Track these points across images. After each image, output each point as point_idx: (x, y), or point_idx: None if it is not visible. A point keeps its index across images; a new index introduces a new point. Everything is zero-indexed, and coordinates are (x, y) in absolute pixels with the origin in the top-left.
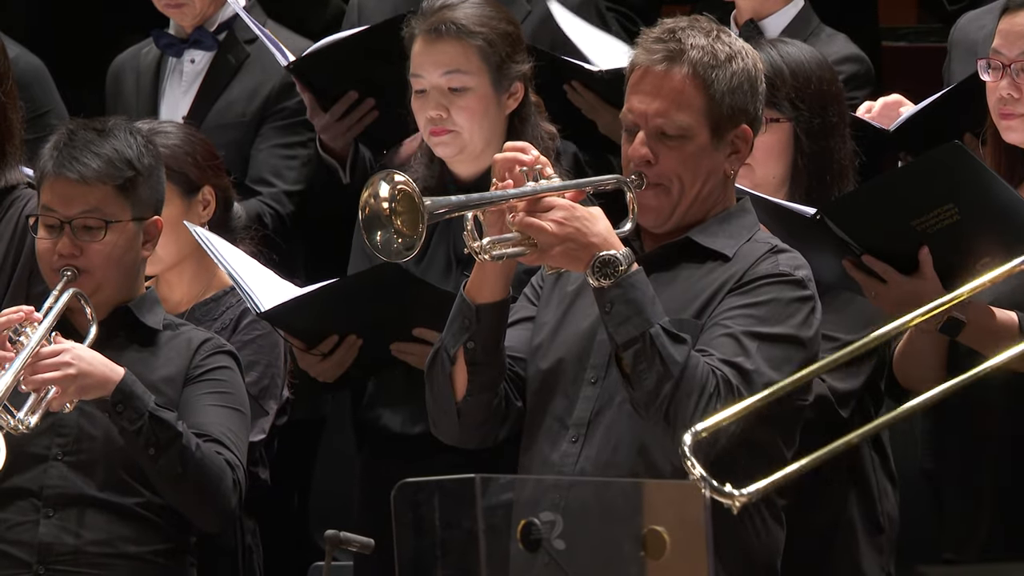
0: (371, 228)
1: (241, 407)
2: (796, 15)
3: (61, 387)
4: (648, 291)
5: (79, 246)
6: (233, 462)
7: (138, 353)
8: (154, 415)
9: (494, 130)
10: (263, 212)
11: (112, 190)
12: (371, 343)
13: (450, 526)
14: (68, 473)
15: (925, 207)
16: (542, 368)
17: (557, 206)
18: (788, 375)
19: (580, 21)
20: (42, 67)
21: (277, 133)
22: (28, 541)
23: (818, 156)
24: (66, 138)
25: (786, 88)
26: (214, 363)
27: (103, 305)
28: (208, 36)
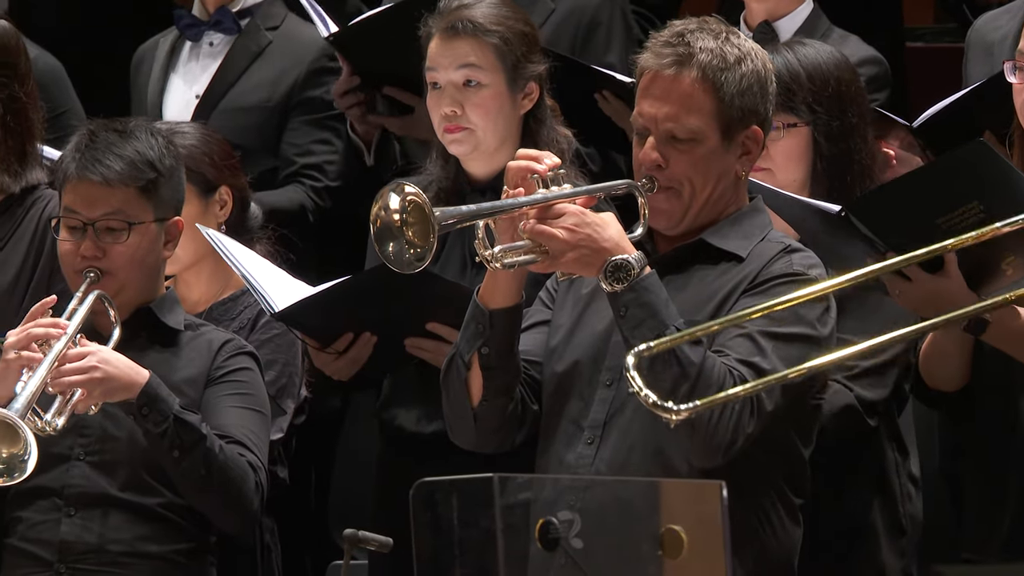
0: (383, 240)
1: (262, 408)
2: (808, 16)
3: (87, 390)
4: (662, 293)
5: (102, 248)
6: (255, 464)
7: (159, 354)
8: (179, 418)
9: (508, 129)
10: (305, 202)
11: (134, 192)
12: (385, 340)
13: (468, 525)
14: (90, 473)
15: (950, 205)
16: (557, 371)
17: (568, 212)
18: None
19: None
20: (60, 68)
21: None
22: (49, 540)
23: (838, 158)
24: (87, 140)
25: (803, 92)
26: (235, 364)
27: (125, 306)
28: (229, 18)
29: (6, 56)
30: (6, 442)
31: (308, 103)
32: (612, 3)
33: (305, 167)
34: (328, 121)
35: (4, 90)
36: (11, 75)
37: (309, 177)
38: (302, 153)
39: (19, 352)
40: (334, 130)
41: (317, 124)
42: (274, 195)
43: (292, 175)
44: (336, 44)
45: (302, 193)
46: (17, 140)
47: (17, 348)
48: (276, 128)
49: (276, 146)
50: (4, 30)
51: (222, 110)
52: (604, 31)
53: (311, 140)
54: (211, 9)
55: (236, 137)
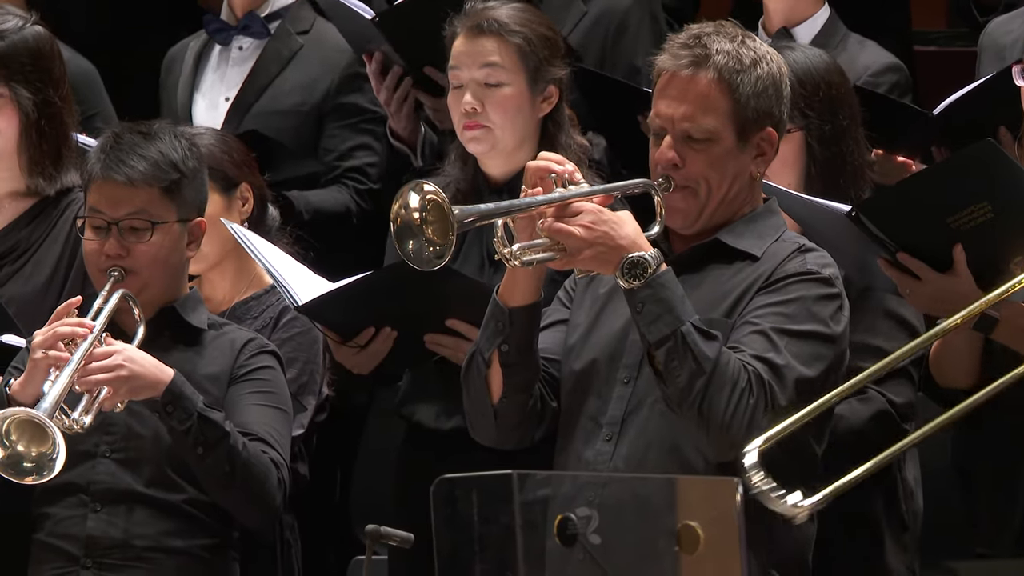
0: (403, 238)
1: (284, 406)
2: (825, 22)
3: (113, 388)
4: (678, 290)
5: (126, 247)
6: (278, 461)
7: (183, 352)
8: (203, 415)
9: (526, 130)
10: (351, 205)
11: (158, 192)
12: (406, 335)
13: (488, 521)
14: (116, 469)
15: (959, 204)
16: (575, 369)
17: (585, 211)
18: (817, 371)
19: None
20: (92, 70)
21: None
22: (76, 535)
23: (831, 161)
24: (112, 141)
25: (795, 97)
26: (258, 363)
27: (149, 305)
28: (258, 22)
29: (41, 61)
30: (35, 441)
31: (343, 108)
32: (642, 6)
33: (349, 170)
34: (365, 125)
35: (39, 94)
36: (46, 79)
37: (353, 180)
38: (343, 157)
39: (46, 351)
40: (372, 133)
41: (354, 128)
42: (320, 195)
43: (335, 178)
44: (380, 26)
45: (347, 195)
46: (52, 144)
47: (44, 347)
48: (313, 132)
49: (314, 150)
50: (38, 35)
51: (255, 114)
52: (633, 33)
53: (350, 145)
54: (239, 14)
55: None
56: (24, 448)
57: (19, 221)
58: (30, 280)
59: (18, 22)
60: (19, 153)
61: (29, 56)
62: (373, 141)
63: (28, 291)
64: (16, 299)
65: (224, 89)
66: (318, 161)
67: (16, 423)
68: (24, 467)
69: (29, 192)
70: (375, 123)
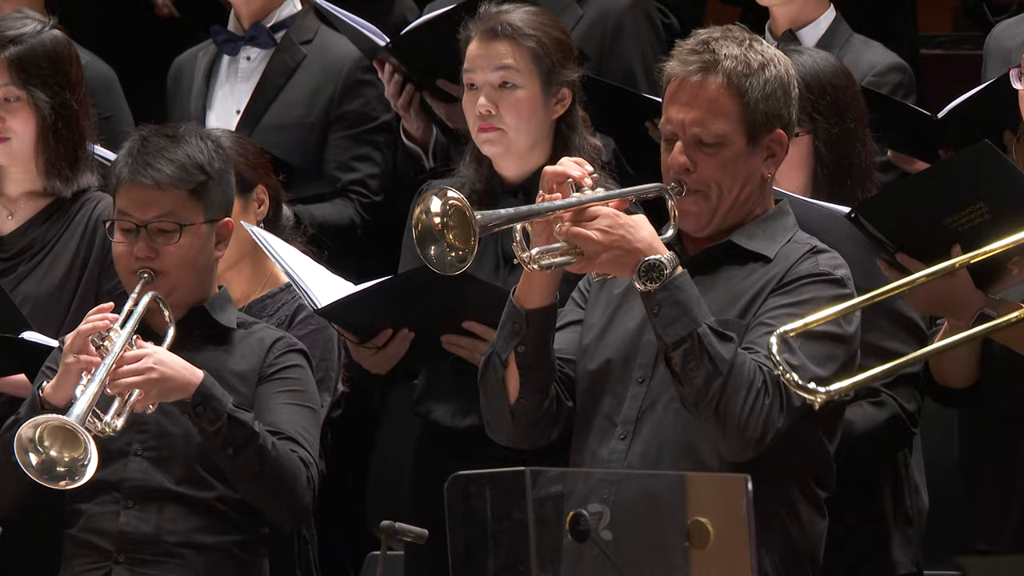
0: (425, 243)
1: (313, 405)
2: (830, 25)
3: (144, 391)
4: (693, 292)
5: (155, 248)
6: (307, 460)
7: (213, 351)
8: (232, 416)
9: (540, 132)
10: (355, 218)
11: (185, 194)
12: (423, 336)
13: (501, 517)
14: (147, 468)
15: (957, 205)
16: (590, 369)
17: (602, 215)
18: (831, 371)
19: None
20: (111, 73)
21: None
22: (108, 531)
23: (838, 164)
24: (139, 144)
25: (802, 100)
26: (287, 362)
27: (179, 305)
28: (264, 33)
29: (58, 65)
30: (68, 447)
31: (346, 117)
32: (637, 8)
33: (351, 183)
34: (367, 135)
35: (56, 98)
36: (63, 83)
37: (356, 193)
38: (344, 169)
39: (77, 356)
40: (374, 143)
41: (357, 139)
42: (325, 208)
43: (339, 191)
44: (395, 52)
45: (351, 208)
46: (69, 146)
47: (74, 351)
48: (317, 145)
49: (319, 163)
50: (56, 39)
51: (264, 126)
52: (630, 36)
53: (352, 156)
54: (246, 24)
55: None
56: (57, 453)
57: (35, 220)
58: (45, 278)
59: (36, 26)
60: (36, 155)
61: (47, 60)
62: (374, 151)
63: (43, 289)
64: (31, 297)
65: (234, 102)
66: (326, 181)
67: (49, 429)
68: (57, 472)
69: (45, 193)
70: (377, 132)
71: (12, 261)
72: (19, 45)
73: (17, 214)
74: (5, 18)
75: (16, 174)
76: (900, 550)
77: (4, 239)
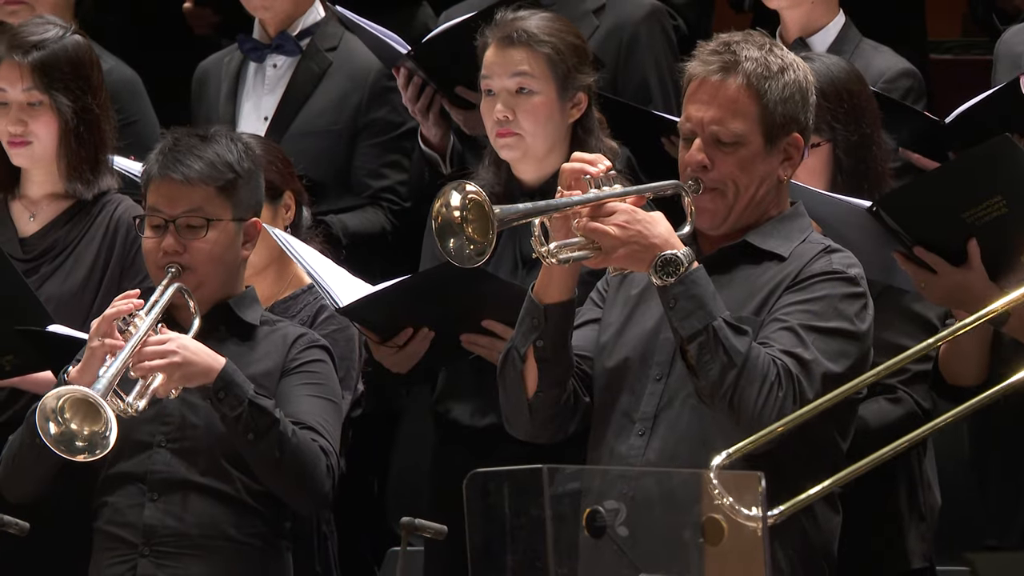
0: (444, 236)
1: (334, 397)
2: (840, 31)
3: (167, 374)
4: (709, 287)
5: (183, 243)
6: (327, 448)
7: (237, 347)
8: (253, 402)
9: (557, 136)
10: (386, 225)
11: (214, 191)
12: (443, 335)
13: (519, 514)
14: (171, 459)
15: (975, 199)
16: (608, 366)
17: (619, 210)
18: (844, 367)
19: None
20: (135, 78)
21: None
22: (134, 523)
23: (855, 169)
24: (171, 144)
25: (820, 109)
26: (309, 356)
27: (205, 301)
28: (290, 41)
29: (80, 69)
30: (88, 420)
31: (374, 124)
32: (652, 19)
33: (382, 190)
34: (395, 142)
35: (78, 102)
36: (85, 87)
37: (387, 200)
38: (375, 176)
39: (102, 340)
40: (402, 150)
41: (385, 146)
42: (356, 217)
43: (369, 199)
44: (416, 59)
45: (382, 216)
46: (90, 150)
47: (99, 335)
48: (346, 152)
49: (347, 170)
50: (78, 45)
51: (292, 134)
52: (645, 47)
53: (381, 163)
54: (272, 33)
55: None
56: (77, 427)
57: (56, 222)
58: (67, 279)
59: (58, 31)
60: (58, 158)
61: (69, 65)
62: (402, 158)
63: (65, 290)
64: (54, 297)
65: (262, 109)
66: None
67: (71, 401)
68: (77, 445)
69: (67, 195)
70: (405, 139)
71: (34, 262)
72: (42, 50)
73: (39, 216)
74: (28, 24)
75: (38, 177)
76: (913, 546)
77: (26, 240)
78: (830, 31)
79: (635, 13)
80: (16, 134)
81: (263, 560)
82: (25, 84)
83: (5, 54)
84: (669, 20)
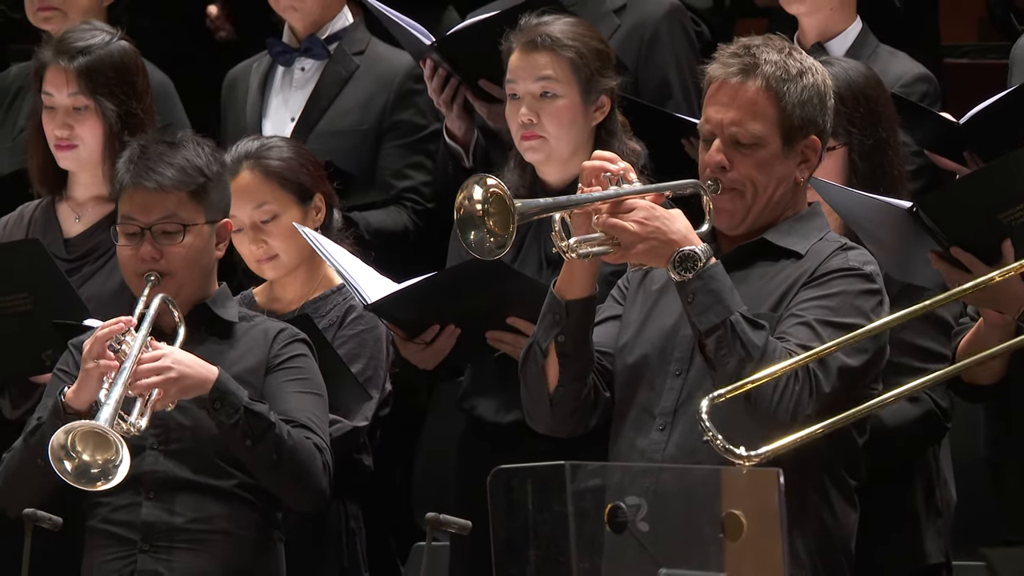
0: (465, 228)
1: (320, 391)
2: (857, 36)
3: (164, 390)
4: (727, 282)
5: (159, 250)
6: (321, 445)
7: (217, 345)
8: (248, 408)
9: (580, 138)
10: (409, 224)
11: (186, 196)
12: (468, 332)
13: (542, 510)
14: (163, 460)
15: (1011, 201)
16: (628, 363)
17: (638, 207)
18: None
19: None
20: (168, 83)
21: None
22: (133, 522)
23: (872, 173)
24: (139, 152)
25: (837, 114)
26: (292, 352)
27: (184, 303)
28: (319, 44)
29: (125, 75)
30: (99, 449)
31: (399, 126)
32: (673, 18)
33: (405, 190)
34: (419, 144)
35: (123, 106)
36: (130, 92)
37: (410, 200)
38: (399, 176)
39: (96, 361)
40: (426, 152)
41: (410, 147)
42: (380, 215)
43: (392, 198)
44: (440, 50)
45: (405, 215)
46: None
47: (93, 357)
48: (371, 152)
49: (372, 169)
50: (123, 50)
51: (318, 134)
52: (665, 46)
53: (405, 164)
54: (301, 36)
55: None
56: (90, 457)
57: (101, 223)
58: (109, 279)
59: (105, 37)
60: (103, 161)
61: (114, 70)
62: (426, 160)
63: (106, 290)
64: (94, 297)
65: (289, 111)
66: (379, 190)
67: (79, 435)
68: (92, 474)
69: (111, 198)
70: (429, 140)
71: (78, 262)
72: (88, 56)
73: (84, 217)
74: (74, 30)
75: (84, 179)
76: (931, 542)
77: (71, 241)
78: (847, 36)
79: (655, 12)
80: (63, 138)
81: (258, 551)
82: (71, 89)
83: (52, 60)
84: (689, 19)
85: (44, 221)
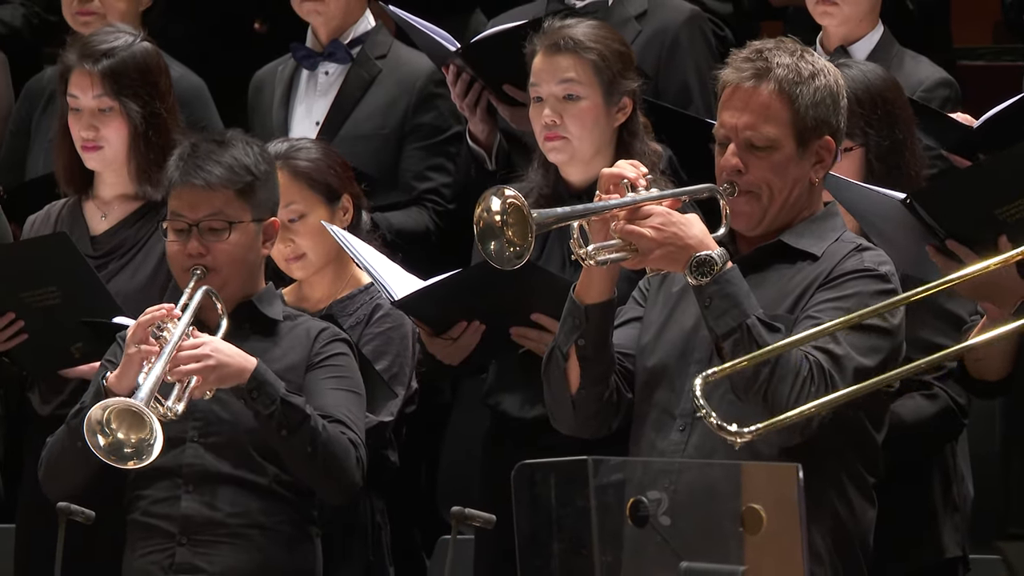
0: (485, 239)
1: (358, 389)
2: (879, 40)
3: (202, 376)
4: (743, 286)
5: (206, 246)
6: (355, 441)
7: (261, 343)
8: (285, 400)
9: (603, 139)
10: (430, 225)
11: (233, 194)
12: (493, 329)
13: (565, 504)
14: (203, 453)
15: (1008, 197)
16: (648, 365)
17: (655, 213)
18: (875, 361)
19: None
20: (202, 86)
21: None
22: (172, 515)
23: (888, 175)
24: (189, 150)
25: (853, 115)
26: (332, 350)
27: (229, 300)
28: (342, 49)
29: (148, 76)
30: (134, 428)
31: (420, 129)
32: (693, 24)
33: (426, 192)
34: (440, 146)
35: (147, 107)
36: (153, 93)
37: (431, 201)
38: (420, 178)
39: (138, 346)
40: (447, 154)
41: (431, 150)
42: (401, 216)
43: (414, 200)
44: (464, 57)
45: (426, 216)
46: (158, 153)
47: (135, 342)
48: (393, 155)
49: (394, 172)
50: (146, 51)
51: (342, 138)
52: (685, 51)
53: (427, 166)
54: (324, 41)
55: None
56: (124, 435)
57: (126, 221)
58: (135, 276)
59: (128, 39)
60: (128, 161)
61: (137, 71)
62: (447, 162)
63: (132, 287)
64: (121, 293)
65: (313, 114)
66: (401, 189)
67: (116, 412)
68: (125, 453)
69: (136, 196)
70: (450, 143)
71: (104, 259)
72: (111, 58)
73: (110, 215)
74: (98, 33)
75: (109, 179)
76: (948, 536)
77: (97, 238)
78: (870, 40)
79: (676, 18)
80: (88, 139)
81: (294, 546)
82: (96, 91)
83: (76, 63)
84: (709, 25)
85: (71, 219)
